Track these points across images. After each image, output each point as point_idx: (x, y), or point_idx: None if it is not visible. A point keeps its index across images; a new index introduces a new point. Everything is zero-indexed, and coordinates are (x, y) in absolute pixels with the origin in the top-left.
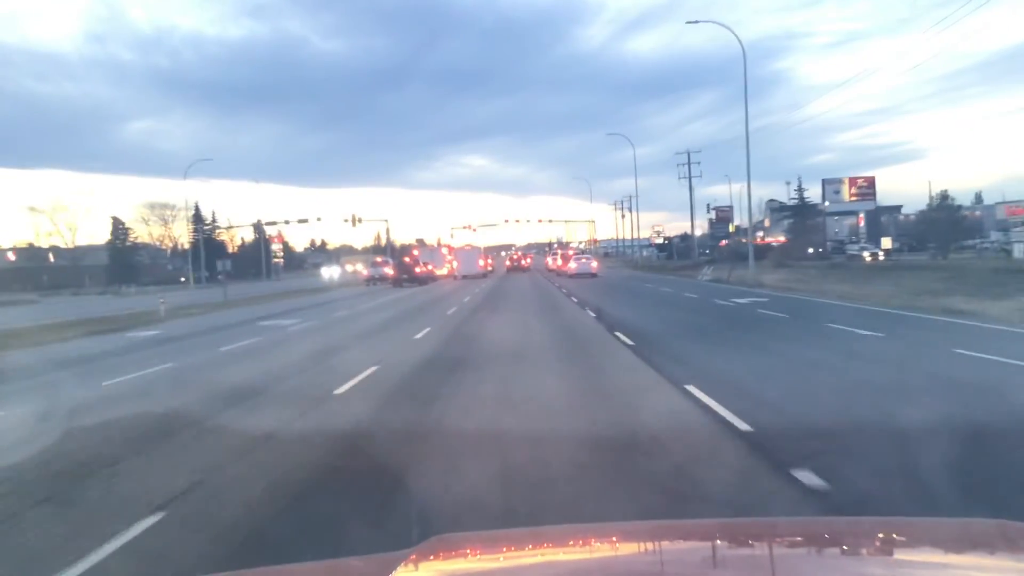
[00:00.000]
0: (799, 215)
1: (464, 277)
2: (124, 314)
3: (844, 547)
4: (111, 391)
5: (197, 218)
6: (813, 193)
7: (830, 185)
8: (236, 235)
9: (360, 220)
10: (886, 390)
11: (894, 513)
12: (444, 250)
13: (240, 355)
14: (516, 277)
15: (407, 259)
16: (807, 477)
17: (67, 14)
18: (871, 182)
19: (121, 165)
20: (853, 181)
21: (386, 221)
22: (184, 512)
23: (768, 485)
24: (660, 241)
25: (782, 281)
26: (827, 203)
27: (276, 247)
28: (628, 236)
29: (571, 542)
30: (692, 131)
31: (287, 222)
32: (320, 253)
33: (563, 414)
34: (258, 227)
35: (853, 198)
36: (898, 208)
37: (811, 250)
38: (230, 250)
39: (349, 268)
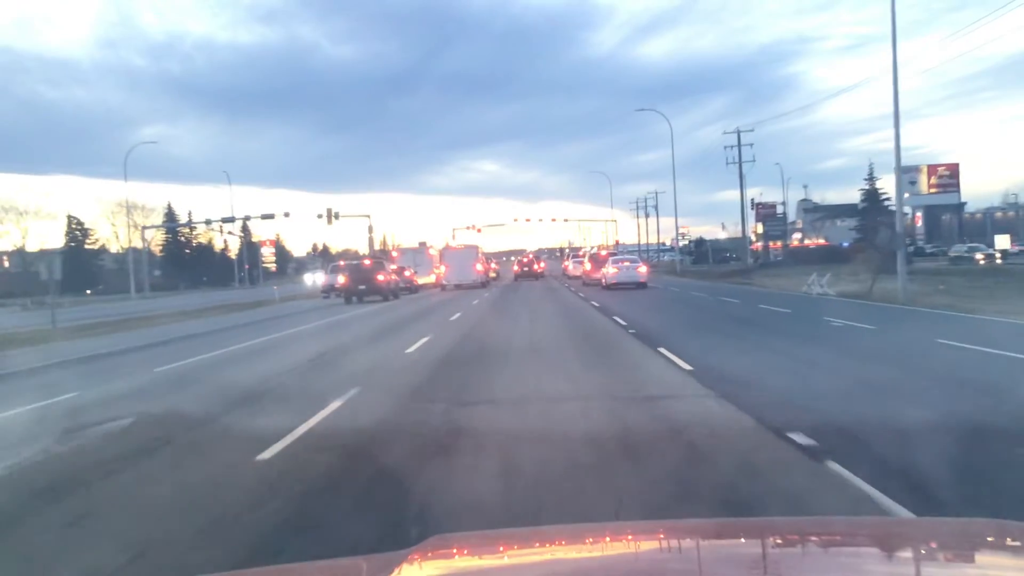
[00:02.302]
0: (871, 211)
1: (457, 287)
2: None
3: (844, 547)
4: None
5: (170, 218)
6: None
7: (904, 174)
8: (216, 238)
9: (337, 216)
10: None
11: None
12: (432, 250)
13: None
14: (527, 288)
15: (366, 262)
16: None
17: (79, 20)
18: (954, 170)
19: (132, 171)
20: (932, 169)
21: (368, 217)
22: None
23: None
24: (685, 243)
25: (953, 299)
26: (907, 195)
27: (267, 251)
28: (646, 240)
29: (571, 542)
30: (703, 136)
31: (248, 218)
32: (320, 258)
33: None
34: (245, 229)
35: (932, 190)
36: (962, 206)
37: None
38: (227, 253)
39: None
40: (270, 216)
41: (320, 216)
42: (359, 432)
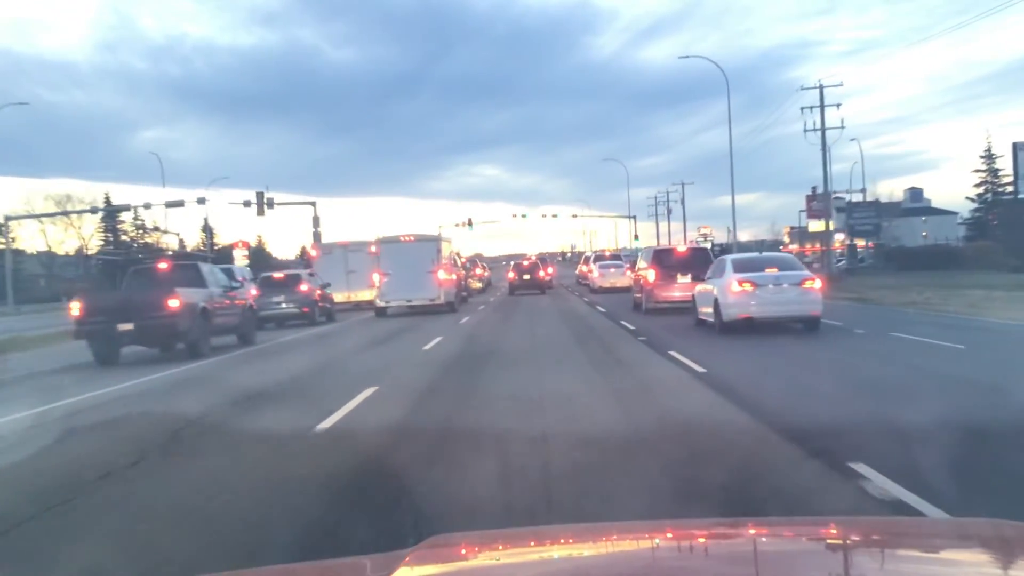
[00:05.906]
0: (989, 207)
1: (409, 306)
2: None
3: (844, 547)
4: None
5: (110, 216)
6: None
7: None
8: (167, 239)
9: (271, 204)
10: None
11: None
12: (373, 249)
13: None
14: (530, 314)
15: (161, 266)
16: None
17: (78, 23)
18: None
19: (132, 175)
20: None
21: (313, 204)
22: None
23: None
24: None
25: None
26: None
27: (239, 253)
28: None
29: (571, 542)
30: (705, 141)
31: (148, 206)
32: (303, 261)
33: None
34: (206, 228)
35: None
36: None
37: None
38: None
39: None
40: (178, 204)
41: (248, 204)
42: None
